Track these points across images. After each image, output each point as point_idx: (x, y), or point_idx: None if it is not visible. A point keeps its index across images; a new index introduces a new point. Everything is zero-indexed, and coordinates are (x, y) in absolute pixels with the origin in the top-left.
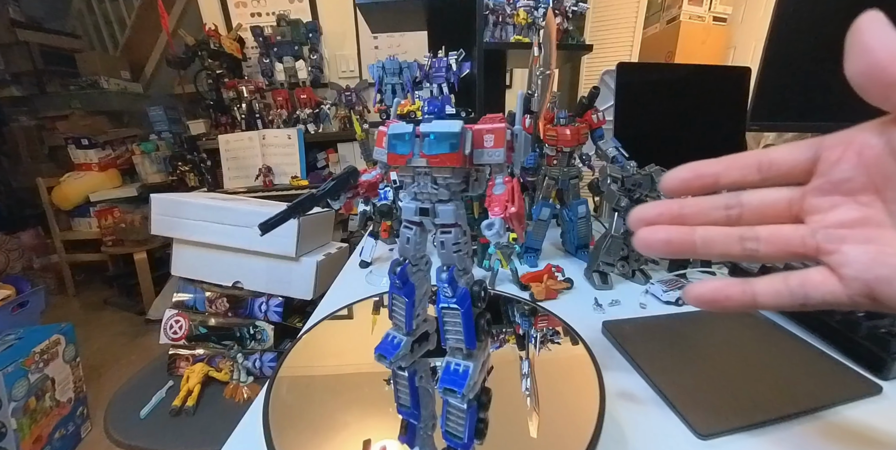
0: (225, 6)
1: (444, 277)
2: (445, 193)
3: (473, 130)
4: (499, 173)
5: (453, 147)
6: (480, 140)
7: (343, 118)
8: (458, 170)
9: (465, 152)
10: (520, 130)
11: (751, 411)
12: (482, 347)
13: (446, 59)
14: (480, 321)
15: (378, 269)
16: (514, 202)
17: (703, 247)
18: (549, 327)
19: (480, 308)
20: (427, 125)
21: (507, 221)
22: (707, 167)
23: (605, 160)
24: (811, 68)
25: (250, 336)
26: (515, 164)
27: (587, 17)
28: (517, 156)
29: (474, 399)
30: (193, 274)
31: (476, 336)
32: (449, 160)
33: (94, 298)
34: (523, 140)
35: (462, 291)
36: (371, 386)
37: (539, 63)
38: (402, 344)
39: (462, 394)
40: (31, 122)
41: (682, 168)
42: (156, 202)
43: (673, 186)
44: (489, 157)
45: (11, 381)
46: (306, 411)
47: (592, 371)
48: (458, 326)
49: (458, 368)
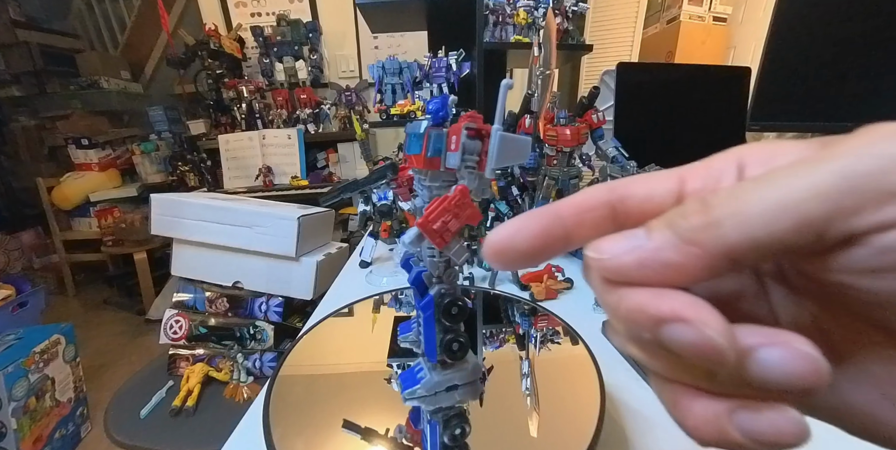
0: (225, 6)
1: (410, 278)
2: (426, 194)
3: (448, 131)
4: (461, 179)
5: (420, 149)
6: (449, 142)
7: (343, 118)
8: (433, 172)
9: (427, 154)
10: (496, 131)
11: None
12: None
13: (446, 59)
14: (444, 338)
15: (378, 269)
16: (432, 215)
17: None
18: (549, 327)
19: (448, 326)
20: (408, 125)
21: (424, 232)
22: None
23: (605, 160)
24: (811, 68)
25: (250, 336)
26: (487, 171)
27: (587, 17)
28: (489, 162)
29: (438, 416)
30: (193, 274)
31: (437, 351)
32: (416, 162)
33: (94, 298)
34: (497, 143)
35: (428, 297)
36: (372, 386)
37: (539, 63)
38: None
39: (403, 396)
40: (31, 122)
41: (505, 230)
42: (156, 202)
43: (499, 248)
44: (449, 160)
45: (11, 381)
46: (307, 411)
47: (592, 371)
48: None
49: (420, 371)
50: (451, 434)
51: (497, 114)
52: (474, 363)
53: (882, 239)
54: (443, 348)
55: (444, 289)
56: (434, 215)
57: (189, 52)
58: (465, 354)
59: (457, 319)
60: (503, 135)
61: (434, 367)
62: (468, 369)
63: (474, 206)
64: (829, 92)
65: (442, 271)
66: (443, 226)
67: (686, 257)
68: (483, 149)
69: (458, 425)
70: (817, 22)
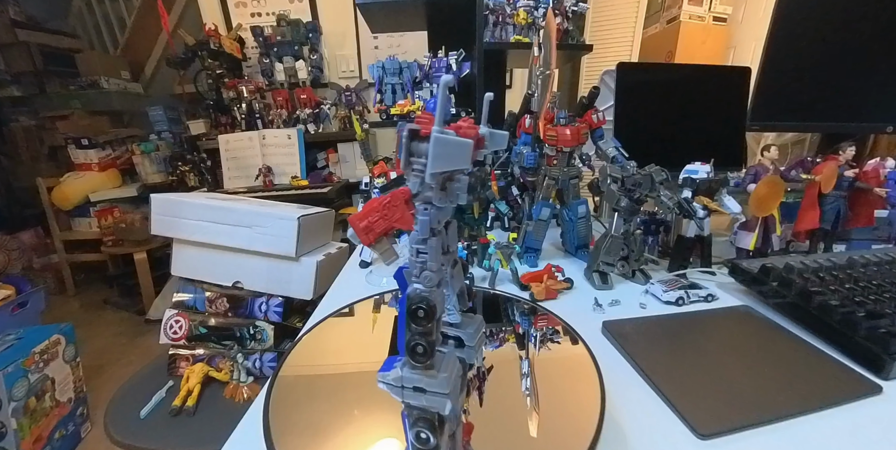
0: (225, 6)
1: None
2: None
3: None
4: (406, 181)
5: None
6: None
7: (343, 118)
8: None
9: (399, 156)
10: (435, 133)
11: (751, 411)
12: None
13: (446, 59)
14: (409, 339)
15: (378, 269)
16: (362, 212)
17: None
18: (549, 327)
19: (414, 328)
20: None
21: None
22: None
23: (605, 160)
24: (811, 68)
25: (250, 336)
26: (427, 175)
27: (587, 17)
28: (427, 166)
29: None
30: (193, 274)
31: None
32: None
33: (94, 298)
34: (431, 146)
35: (403, 294)
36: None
37: (539, 63)
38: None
39: (377, 377)
40: (31, 122)
41: None
42: (156, 202)
43: None
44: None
45: (11, 381)
46: (306, 411)
47: (593, 371)
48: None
49: (397, 363)
50: (416, 435)
51: (437, 114)
52: (446, 377)
53: None
54: (408, 348)
55: (417, 289)
56: (363, 213)
57: (189, 52)
58: (427, 359)
59: (422, 322)
60: (437, 137)
61: (405, 362)
62: (436, 379)
63: (406, 210)
64: (828, 92)
65: (418, 272)
66: (368, 225)
67: None
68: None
69: (422, 430)
70: (817, 22)
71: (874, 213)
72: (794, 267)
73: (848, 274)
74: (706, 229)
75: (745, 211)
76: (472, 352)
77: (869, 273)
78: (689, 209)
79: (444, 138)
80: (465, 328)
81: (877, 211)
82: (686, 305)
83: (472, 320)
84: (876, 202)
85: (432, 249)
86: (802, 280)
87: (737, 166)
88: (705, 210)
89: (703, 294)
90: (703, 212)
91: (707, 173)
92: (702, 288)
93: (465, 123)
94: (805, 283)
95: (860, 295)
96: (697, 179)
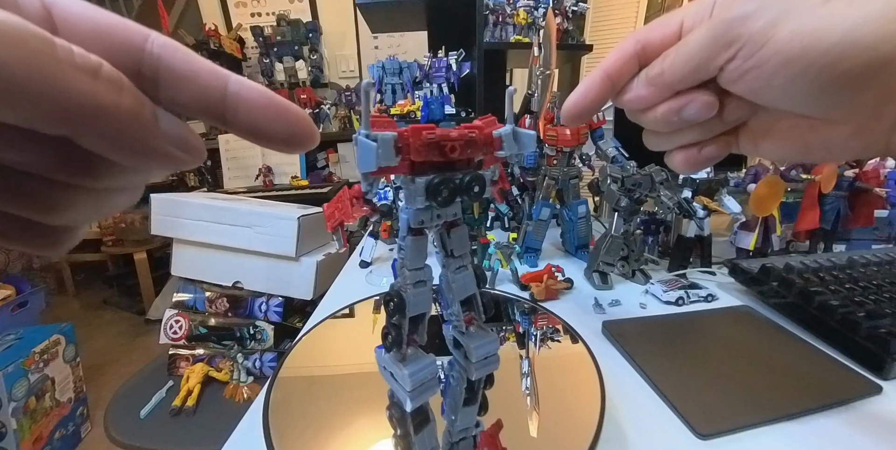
0: (225, 6)
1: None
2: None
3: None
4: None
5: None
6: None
7: (343, 118)
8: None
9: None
10: (360, 136)
11: (751, 411)
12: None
13: (446, 59)
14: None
15: (378, 269)
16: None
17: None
18: (550, 327)
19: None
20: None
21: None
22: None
23: (605, 160)
24: None
25: (250, 336)
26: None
27: (587, 17)
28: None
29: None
30: (193, 274)
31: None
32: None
33: (94, 298)
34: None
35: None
36: (372, 386)
37: (539, 63)
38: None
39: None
40: None
41: (577, 95)
42: (156, 202)
43: (576, 112)
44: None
45: (11, 381)
46: (306, 411)
47: (593, 371)
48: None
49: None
50: (389, 416)
51: (363, 117)
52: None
53: (729, 66)
54: (384, 338)
55: (397, 283)
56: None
57: None
58: (394, 347)
59: (392, 313)
60: (357, 139)
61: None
62: (402, 372)
63: (349, 206)
64: None
65: (399, 268)
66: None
67: (649, 90)
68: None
69: (393, 414)
70: None
71: (874, 213)
72: (794, 267)
73: (848, 274)
74: (706, 229)
75: (745, 211)
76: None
77: (869, 273)
78: (689, 209)
79: (360, 141)
80: (472, 342)
81: (877, 211)
82: (686, 305)
83: (483, 337)
84: (876, 202)
85: (409, 247)
86: (802, 280)
87: (737, 166)
88: (705, 210)
89: (703, 294)
90: (703, 212)
91: (707, 173)
92: (702, 288)
93: (481, 122)
94: (805, 283)
95: (860, 295)
96: (697, 179)
